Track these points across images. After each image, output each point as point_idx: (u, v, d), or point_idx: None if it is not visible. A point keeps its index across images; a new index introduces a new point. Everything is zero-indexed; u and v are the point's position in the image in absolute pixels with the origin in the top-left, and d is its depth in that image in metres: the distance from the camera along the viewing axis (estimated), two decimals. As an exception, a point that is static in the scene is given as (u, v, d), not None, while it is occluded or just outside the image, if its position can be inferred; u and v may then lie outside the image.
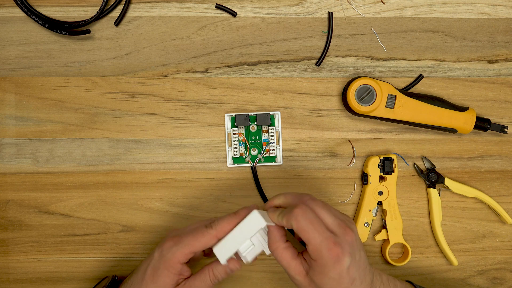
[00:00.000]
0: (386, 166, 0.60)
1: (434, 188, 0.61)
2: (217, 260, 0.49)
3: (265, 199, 0.61)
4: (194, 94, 0.61)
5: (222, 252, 0.48)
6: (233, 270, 0.50)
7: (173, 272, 0.49)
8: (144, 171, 0.61)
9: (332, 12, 0.61)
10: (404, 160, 0.62)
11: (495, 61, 0.62)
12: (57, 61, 0.61)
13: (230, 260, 0.49)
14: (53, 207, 0.61)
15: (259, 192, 0.61)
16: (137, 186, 0.61)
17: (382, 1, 0.61)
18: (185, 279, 0.51)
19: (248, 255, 0.49)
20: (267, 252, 0.49)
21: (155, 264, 0.50)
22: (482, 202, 0.62)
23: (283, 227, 0.49)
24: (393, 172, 0.60)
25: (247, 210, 0.49)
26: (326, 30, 0.61)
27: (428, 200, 0.62)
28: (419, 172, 0.62)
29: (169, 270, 0.49)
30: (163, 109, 0.61)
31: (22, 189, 0.61)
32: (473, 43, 0.62)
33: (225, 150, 0.61)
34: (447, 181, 0.61)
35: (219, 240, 0.49)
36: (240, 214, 0.49)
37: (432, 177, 0.61)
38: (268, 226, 0.48)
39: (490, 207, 0.62)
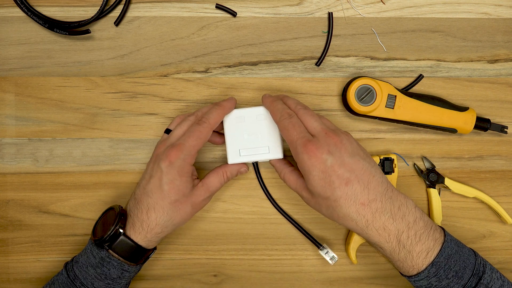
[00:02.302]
0: (386, 166, 0.60)
1: (434, 188, 0.61)
2: (226, 165, 0.57)
3: (268, 195, 0.61)
4: (194, 94, 0.61)
5: (235, 158, 0.56)
6: (242, 172, 0.58)
7: (188, 176, 0.53)
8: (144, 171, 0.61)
9: (332, 12, 0.61)
10: (404, 160, 0.62)
11: (495, 61, 0.62)
12: (57, 61, 0.61)
13: (242, 164, 0.57)
14: (53, 207, 0.61)
15: (262, 187, 0.61)
16: (137, 186, 0.61)
17: (382, 1, 0.61)
18: (197, 178, 0.56)
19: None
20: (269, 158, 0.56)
21: (169, 177, 0.52)
22: (482, 202, 0.62)
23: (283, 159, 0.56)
24: (393, 172, 0.60)
25: (230, 100, 0.56)
26: (326, 30, 0.61)
27: (428, 200, 0.62)
28: (419, 172, 0.62)
29: (186, 176, 0.53)
30: (163, 109, 0.61)
31: (22, 189, 0.61)
32: (473, 43, 0.62)
33: (225, 150, 0.61)
34: (447, 181, 0.61)
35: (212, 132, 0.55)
36: (223, 105, 0.55)
37: (432, 177, 0.61)
38: (271, 161, 0.57)
39: (490, 207, 0.62)
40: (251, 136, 0.56)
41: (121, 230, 0.52)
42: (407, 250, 0.48)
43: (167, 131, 0.56)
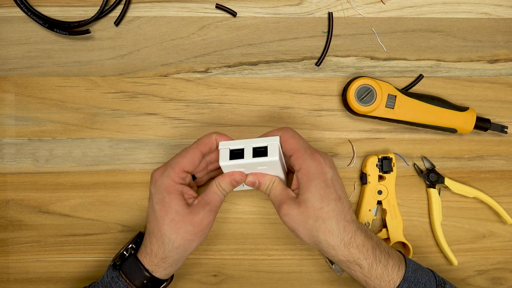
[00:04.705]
0: (385, 165, 0.60)
1: (434, 188, 0.61)
2: (220, 175, 0.52)
3: (265, 199, 0.61)
4: (194, 94, 0.61)
5: (228, 167, 0.51)
6: (237, 181, 0.52)
7: (177, 193, 0.50)
8: (144, 171, 0.61)
9: (332, 12, 0.61)
10: (404, 160, 0.62)
11: (495, 61, 0.62)
12: (57, 61, 0.61)
13: (235, 172, 0.52)
14: (53, 207, 0.61)
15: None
16: (137, 186, 0.61)
17: (382, 1, 0.61)
18: (195, 198, 0.53)
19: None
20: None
21: (158, 198, 0.51)
22: (482, 202, 0.62)
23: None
24: (392, 171, 0.60)
25: (223, 135, 0.53)
26: (326, 30, 0.61)
27: (428, 200, 0.62)
28: (419, 172, 0.62)
29: (173, 193, 0.50)
30: (163, 109, 0.61)
31: (22, 189, 0.61)
32: (473, 43, 0.62)
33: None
34: (447, 181, 0.61)
35: (203, 154, 0.52)
36: (217, 131, 0.53)
37: (432, 177, 0.61)
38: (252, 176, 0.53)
39: (490, 207, 0.62)
40: (252, 170, 0.52)
41: (132, 251, 0.53)
42: (383, 264, 0.50)
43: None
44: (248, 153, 0.50)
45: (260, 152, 0.50)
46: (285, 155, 0.53)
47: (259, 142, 0.51)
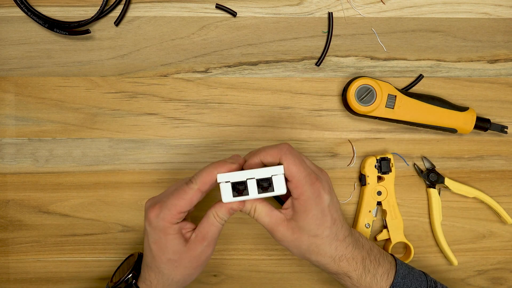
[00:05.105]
0: (383, 166, 0.60)
1: (434, 188, 0.61)
2: (217, 202, 0.49)
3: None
4: (194, 94, 0.61)
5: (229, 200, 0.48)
6: (235, 209, 0.49)
7: (174, 233, 0.49)
8: (144, 171, 0.61)
9: (332, 12, 0.61)
10: (404, 160, 0.62)
11: (495, 61, 0.62)
12: (57, 61, 0.61)
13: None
14: (53, 207, 0.61)
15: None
16: (137, 186, 0.61)
17: (382, 1, 0.61)
18: (192, 230, 0.50)
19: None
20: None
21: (154, 237, 0.49)
22: (482, 202, 0.62)
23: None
24: (391, 171, 0.60)
25: (223, 163, 0.48)
26: (326, 30, 0.61)
27: (428, 200, 0.62)
28: (419, 172, 0.62)
29: (169, 234, 0.48)
30: (163, 109, 0.61)
31: (22, 189, 0.61)
32: (473, 43, 0.62)
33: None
34: (447, 181, 0.61)
35: (202, 193, 0.48)
36: (217, 164, 0.48)
37: (432, 177, 0.61)
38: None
39: (490, 207, 0.62)
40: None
41: (133, 280, 0.52)
42: (372, 274, 0.51)
43: None
44: (252, 187, 0.47)
45: (264, 184, 0.48)
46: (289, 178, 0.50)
47: (262, 173, 0.47)
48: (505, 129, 0.60)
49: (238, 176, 0.47)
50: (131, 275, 0.52)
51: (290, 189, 0.48)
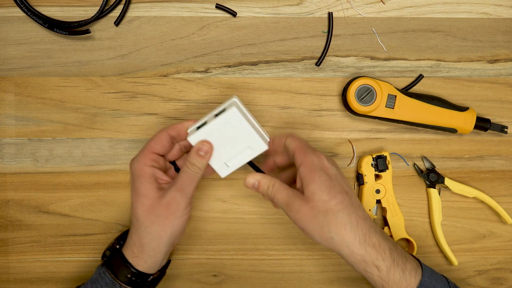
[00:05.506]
0: (380, 164, 0.60)
1: (434, 188, 0.61)
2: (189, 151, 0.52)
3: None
4: (194, 94, 0.61)
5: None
6: (204, 150, 0.50)
7: (147, 177, 0.50)
8: (144, 171, 0.61)
9: (332, 12, 0.61)
10: (404, 160, 0.62)
11: (495, 61, 0.62)
12: (57, 61, 0.61)
13: (197, 143, 0.50)
14: (53, 207, 0.61)
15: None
16: (137, 186, 0.61)
17: (382, 1, 0.61)
18: (168, 183, 0.52)
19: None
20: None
21: (132, 184, 0.51)
22: (482, 202, 0.62)
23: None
24: (388, 169, 0.60)
25: (193, 120, 0.52)
26: (326, 30, 0.61)
27: (428, 200, 0.62)
28: (419, 172, 0.62)
29: (143, 177, 0.50)
30: (163, 109, 0.61)
31: (22, 189, 0.61)
32: (473, 43, 0.62)
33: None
34: (447, 181, 0.61)
35: (171, 137, 0.52)
36: (188, 120, 0.53)
37: (432, 177, 0.61)
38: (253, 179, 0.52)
39: (490, 207, 0.62)
40: (228, 145, 0.51)
41: (117, 246, 0.54)
42: (401, 268, 0.47)
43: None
44: (211, 119, 0.50)
45: (220, 114, 0.50)
46: (289, 153, 0.53)
47: (219, 108, 0.51)
48: (505, 129, 0.60)
49: (202, 120, 0.51)
50: (116, 241, 0.54)
51: (295, 160, 0.50)
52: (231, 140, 0.50)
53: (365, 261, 0.47)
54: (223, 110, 0.50)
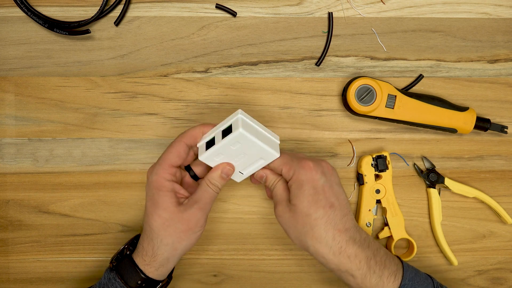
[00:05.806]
0: (380, 164, 0.60)
1: (434, 188, 0.61)
2: (210, 170, 0.52)
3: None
4: (194, 94, 0.61)
5: (208, 158, 0.51)
6: (226, 172, 0.52)
7: (166, 190, 0.51)
8: (144, 171, 0.61)
9: (332, 12, 0.61)
10: (404, 160, 0.62)
11: (495, 61, 0.62)
12: (57, 61, 0.61)
13: (221, 164, 0.52)
14: (53, 207, 0.61)
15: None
16: (137, 186, 0.61)
17: (382, 1, 0.61)
18: (186, 198, 0.52)
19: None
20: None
21: (149, 195, 0.52)
22: (482, 202, 0.62)
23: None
24: (387, 169, 0.60)
25: (209, 124, 0.52)
26: (326, 30, 0.61)
27: (428, 200, 0.62)
28: (419, 172, 0.62)
29: (161, 190, 0.51)
30: (163, 109, 0.61)
31: (22, 189, 0.61)
32: (473, 43, 0.62)
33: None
34: (447, 181, 0.61)
35: (189, 146, 0.52)
36: (203, 125, 0.52)
37: (432, 177, 0.61)
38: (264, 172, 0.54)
39: (490, 207, 0.62)
40: (240, 159, 0.51)
41: (128, 252, 0.54)
42: (377, 275, 0.49)
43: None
44: (218, 137, 0.50)
45: (226, 132, 0.50)
46: (277, 172, 0.53)
47: (224, 125, 0.50)
48: (505, 129, 0.60)
49: (210, 134, 0.51)
50: (126, 246, 0.54)
51: (285, 177, 0.52)
52: (243, 154, 0.51)
53: (340, 270, 0.50)
54: (230, 127, 0.50)
